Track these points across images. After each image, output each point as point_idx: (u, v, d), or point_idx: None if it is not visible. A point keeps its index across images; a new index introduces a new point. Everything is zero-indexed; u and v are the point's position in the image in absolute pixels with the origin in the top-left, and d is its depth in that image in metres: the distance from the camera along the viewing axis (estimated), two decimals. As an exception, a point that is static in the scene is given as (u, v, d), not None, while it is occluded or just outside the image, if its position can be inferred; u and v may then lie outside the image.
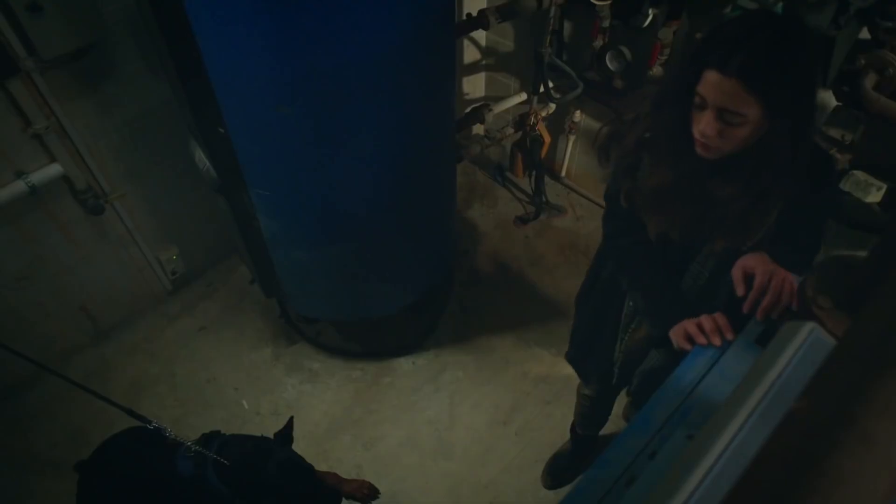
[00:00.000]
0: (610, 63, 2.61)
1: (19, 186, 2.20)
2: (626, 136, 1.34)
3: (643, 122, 1.30)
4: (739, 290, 1.21)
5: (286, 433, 2.01)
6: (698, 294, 1.44)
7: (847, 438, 0.43)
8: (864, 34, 1.88)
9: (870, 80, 1.85)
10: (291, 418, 2.03)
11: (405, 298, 2.49)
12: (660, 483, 0.79)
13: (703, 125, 1.13)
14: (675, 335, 1.28)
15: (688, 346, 1.22)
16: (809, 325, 0.83)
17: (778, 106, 1.09)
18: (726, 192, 1.21)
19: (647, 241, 1.41)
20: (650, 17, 2.33)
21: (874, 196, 1.98)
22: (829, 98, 2.02)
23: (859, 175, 1.98)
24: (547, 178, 3.35)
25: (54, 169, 2.27)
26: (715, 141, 1.14)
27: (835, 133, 1.98)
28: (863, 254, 1.03)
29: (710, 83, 1.09)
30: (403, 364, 2.84)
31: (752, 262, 1.21)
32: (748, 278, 1.21)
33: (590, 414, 2.21)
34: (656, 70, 2.42)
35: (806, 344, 0.78)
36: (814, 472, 0.44)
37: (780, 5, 1.86)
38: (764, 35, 1.06)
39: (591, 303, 1.78)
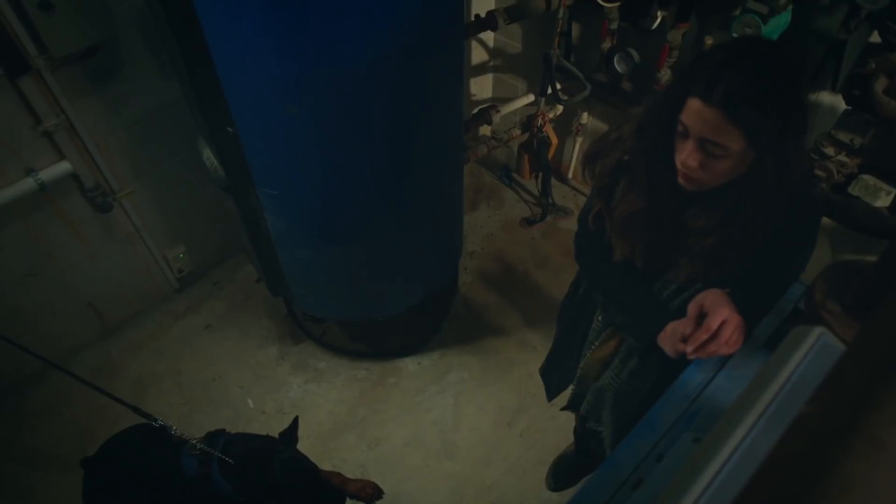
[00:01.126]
0: (618, 65, 2.61)
1: (28, 183, 2.22)
2: (606, 155, 1.29)
3: (625, 143, 1.24)
4: (688, 328, 1.15)
5: (291, 433, 2.01)
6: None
7: (858, 444, 0.43)
8: (875, 38, 1.88)
9: (880, 84, 1.84)
10: (296, 418, 2.03)
11: (411, 299, 2.49)
12: (667, 486, 0.78)
13: (685, 155, 1.08)
14: (665, 341, 1.23)
15: (683, 349, 1.15)
16: (818, 330, 0.82)
17: (762, 140, 1.02)
18: (701, 224, 1.17)
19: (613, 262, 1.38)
20: (658, 20, 2.33)
21: (883, 200, 1.97)
22: (838, 102, 2.02)
23: (868, 179, 1.97)
24: (553, 180, 3.35)
25: (63, 166, 2.28)
26: (697, 172, 1.09)
27: (844, 137, 1.97)
28: (872, 258, 1.03)
29: (693, 112, 1.04)
30: (409, 364, 2.84)
31: (710, 302, 1.15)
32: (701, 316, 1.15)
33: (581, 426, 2.20)
34: (664, 73, 2.41)
35: (815, 349, 0.78)
36: (824, 477, 0.44)
37: (790, 8, 1.85)
38: (749, 64, 1.01)
39: (565, 318, 1.77)
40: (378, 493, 2.15)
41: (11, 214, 2.30)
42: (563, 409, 2.01)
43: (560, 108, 3.08)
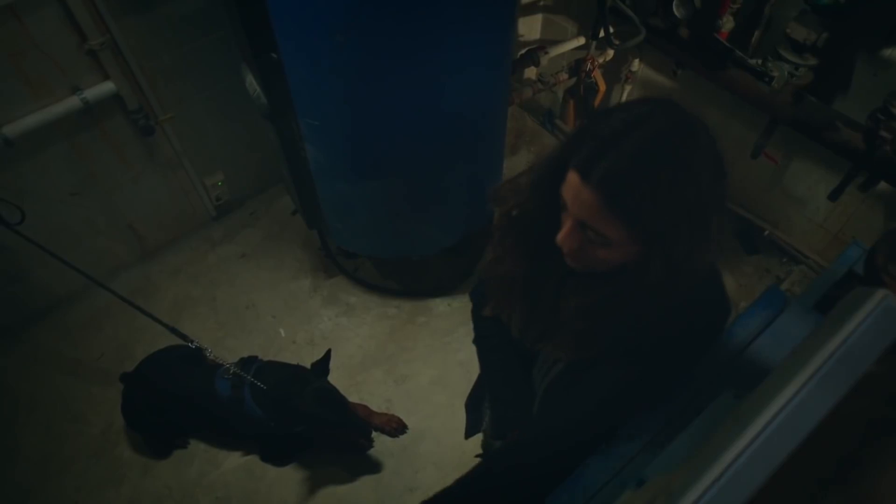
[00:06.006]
0: (677, 10, 2.47)
1: (74, 102, 2.23)
2: (504, 203, 1.08)
3: (521, 195, 1.03)
4: None
5: (323, 364, 2.05)
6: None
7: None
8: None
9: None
10: (329, 351, 2.06)
11: (446, 240, 2.47)
12: (706, 440, 0.78)
13: (562, 235, 0.91)
14: None
15: None
16: (881, 293, 0.78)
17: (648, 234, 0.84)
18: (574, 303, 0.99)
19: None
20: (725, -39, 2.19)
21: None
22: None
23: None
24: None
25: (107, 87, 2.29)
26: (573, 256, 0.92)
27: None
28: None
29: (571, 188, 0.86)
30: (439, 305, 2.85)
31: None
32: None
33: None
34: (727, 20, 2.29)
35: (877, 311, 0.74)
36: (889, 437, 0.42)
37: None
38: (642, 141, 0.80)
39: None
40: (402, 427, 2.20)
41: (58, 132, 2.33)
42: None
43: (611, 54, 2.96)
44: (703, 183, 0.82)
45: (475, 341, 1.45)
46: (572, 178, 0.85)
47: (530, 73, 3.08)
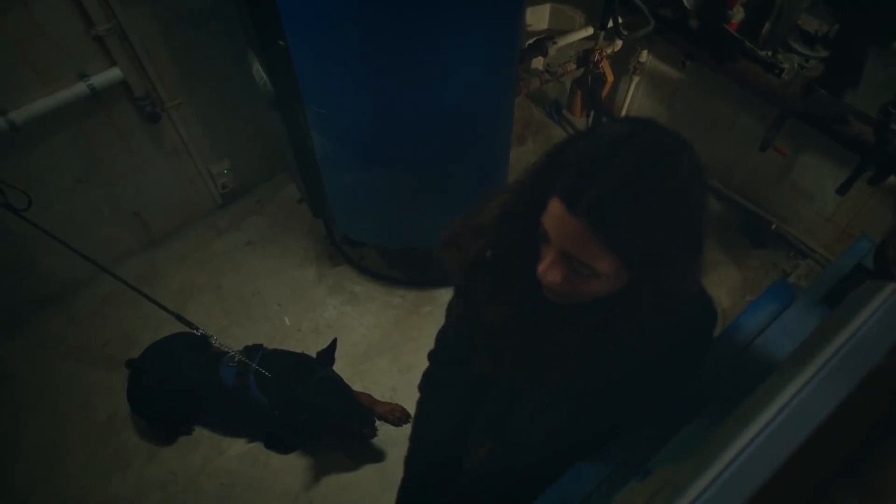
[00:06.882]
0: (686, 0, 2.46)
1: (81, 88, 2.23)
2: (466, 247, 0.99)
3: (486, 233, 0.96)
4: None
5: (329, 353, 2.05)
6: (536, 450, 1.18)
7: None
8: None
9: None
10: (335, 340, 2.06)
11: (452, 230, 2.47)
12: (713, 433, 0.77)
13: (544, 267, 0.84)
14: None
15: None
16: (892, 286, 0.78)
17: (641, 262, 0.80)
18: (560, 339, 0.93)
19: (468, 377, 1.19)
20: (736, -49, 2.17)
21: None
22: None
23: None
24: (605, 120, 3.24)
25: (114, 73, 2.28)
26: (558, 289, 0.86)
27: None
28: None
29: (554, 217, 0.80)
30: (444, 295, 2.85)
31: None
32: None
33: None
34: (737, 11, 2.27)
35: (887, 304, 0.74)
36: (900, 431, 0.42)
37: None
38: (625, 162, 0.76)
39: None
40: (405, 416, 2.20)
41: (64, 119, 2.33)
42: None
43: (619, 44, 2.94)
44: (691, 201, 0.79)
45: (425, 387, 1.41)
46: (555, 207, 0.79)
47: (538, 63, 3.06)
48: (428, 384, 1.40)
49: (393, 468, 2.33)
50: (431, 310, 2.80)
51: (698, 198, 0.80)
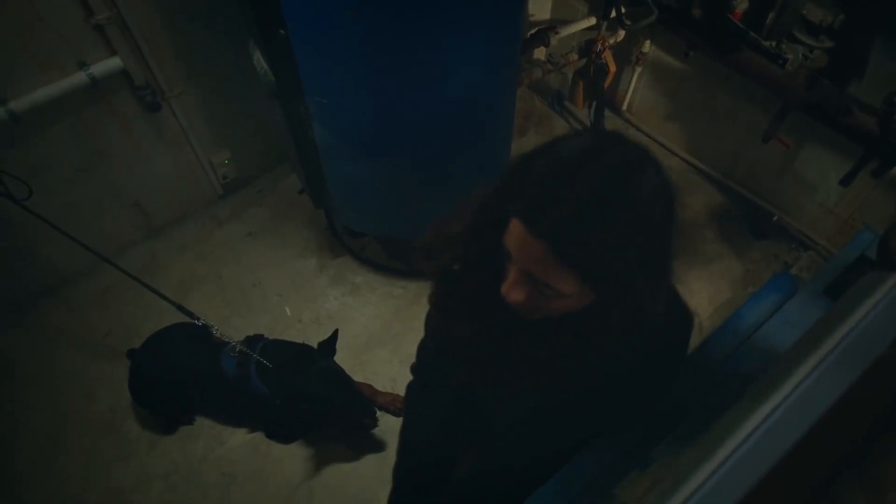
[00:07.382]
0: (690, -11, 2.44)
1: (81, 77, 2.22)
2: (438, 257, 0.96)
3: (454, 247, 0.93)
4: None
5: (330, 344, 2.05)
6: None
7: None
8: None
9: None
10: (336, 331, 2.07)
11: (453, 221, 2.47)
12: (714, 423, 0.77)
13: (507, 287, 0.82)
14: None
15: None
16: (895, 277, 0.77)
17: (605, 283, 0.77)
18: (531, 355, 0.91)
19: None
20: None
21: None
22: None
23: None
24: (607, 111, 3.22)
25: (114, 62, 2.27)
26: (522, 307, 0.83)
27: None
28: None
29: (515, 238, 0.76)
30: (445, 286, 2.84)
31: None
32: None
33: None
34: (739, 1, 2.25)
35: (891, 294, 0.73)
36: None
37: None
38: (587, 180, 0.72)
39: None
40: (407, 406, 2.20)
41: (66, 107, 2.31)
42: None
43: (622, 34, 2.92)
44: (657, 218, 0.76)
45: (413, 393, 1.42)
46: (516, 227, 0.75)
47: (540, 53, 3.05)
48: (413, 395, 1.43)
49: (393, 458, 2.33)
50: (432, 301, 2.80)
51: (665, 214, 0.77)
